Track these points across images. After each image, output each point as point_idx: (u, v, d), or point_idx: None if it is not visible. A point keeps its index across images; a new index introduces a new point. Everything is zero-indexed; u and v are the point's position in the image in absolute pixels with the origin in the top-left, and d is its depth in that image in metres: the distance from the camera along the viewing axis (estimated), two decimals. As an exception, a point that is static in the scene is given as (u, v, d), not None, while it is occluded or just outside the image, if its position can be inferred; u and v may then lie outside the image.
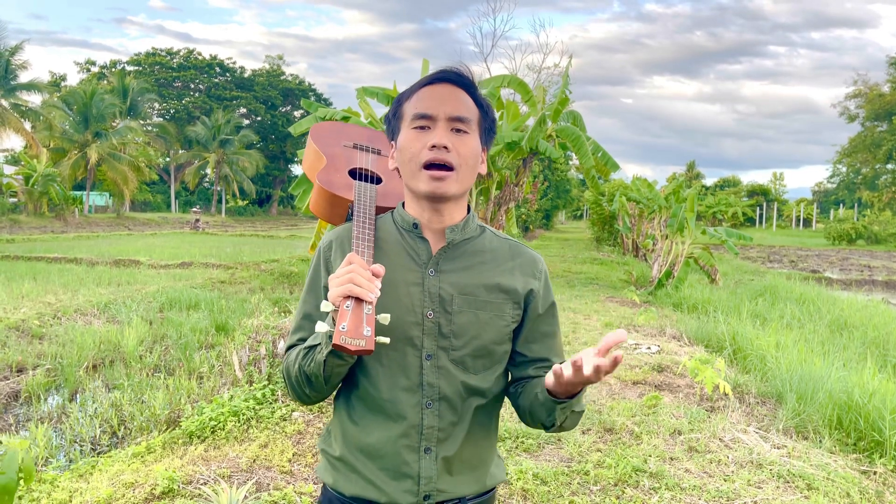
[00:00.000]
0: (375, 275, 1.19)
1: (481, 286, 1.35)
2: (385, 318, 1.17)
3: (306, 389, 1.32)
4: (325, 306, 1.16)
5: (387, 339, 1.17)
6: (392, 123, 1.40)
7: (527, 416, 1.38)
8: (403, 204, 1.42)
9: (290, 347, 1.40)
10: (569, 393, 1.25)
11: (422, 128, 1.31)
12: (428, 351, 1.32)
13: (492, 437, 1.42)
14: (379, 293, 1.18)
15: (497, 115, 12.90)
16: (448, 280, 1.34)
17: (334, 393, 1.42)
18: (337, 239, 1.41)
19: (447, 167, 1.29)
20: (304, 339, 1.36)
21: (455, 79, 1.34)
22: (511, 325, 1.38)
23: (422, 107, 1.31)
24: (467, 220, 1.39)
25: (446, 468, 1.33)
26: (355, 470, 1.34)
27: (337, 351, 1.19)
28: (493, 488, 1.43)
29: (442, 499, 1.33)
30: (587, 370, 1.14)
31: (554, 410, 1.28)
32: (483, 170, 1.39)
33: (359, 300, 1.15)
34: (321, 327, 1.16)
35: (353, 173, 1.68)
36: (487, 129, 1.39)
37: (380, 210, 1.50)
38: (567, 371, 1.16)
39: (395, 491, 1.31)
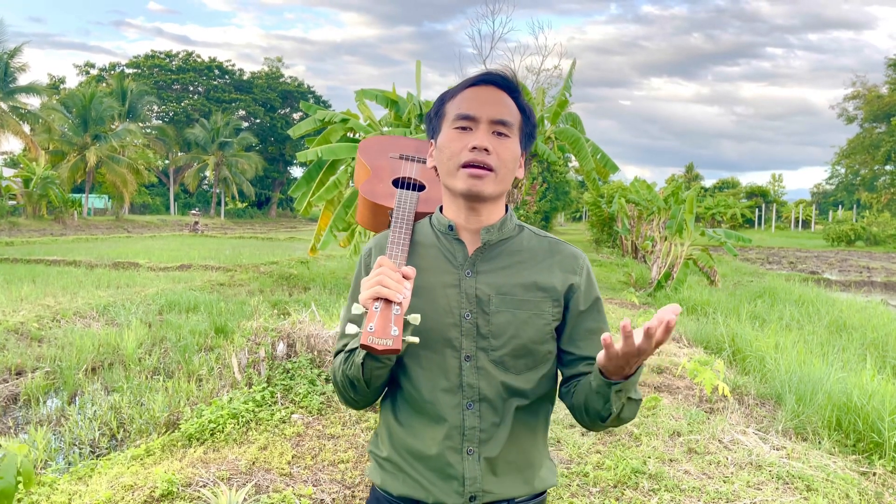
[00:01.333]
0: (406, 277, 1.21)
1: (519, 285, 1.35)
2: (415, 319, 1.18)
3: (351, 394, 1.35)
4: (356, 309, 1.18)
5: (416, 339, 1.18)
6: (433, 122, 1.40)
7: (582, 413, 1.33)
8: (441, 208, 1.43)
9: (336, 353, 1.42)
10: (622, 373, 1.20)
11: (464, 128, 1.32)
12: (467, 352, 1.32)
13: (539, 439, 1.40)
14: (408, 294, 1.20)
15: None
16: (485, 280, 1.35)
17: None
18: (376, 246, 1.43)
19: (486, 168, 1.30)
20: (346, 346, 1.38)
21: (500, 81, 1.35)
22: (552, 324, 1.36)
23: (465, 107, 1.32)
24: (504, 220, 1.40)
25: (490, 469, 1.33)
26: (402, 470, 1.36)
27: (380, 354, 1.20)
28: (544, 492, 1.41)
29: (489, 500, 1.33)
30: (637, 337, 1.11)
31: (609, 395, 1.22)
32: (521, 174, 1.40)
33: (388, 301, 1.17)
34: (351, 329, 1.19)
35: (397, 182, 1.71)
36: (528, 135, 1.39)
37: (421, 216, 1.52)
38: (618, 342, 1.14)
39: (442, 492, 1.32)
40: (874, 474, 3.84)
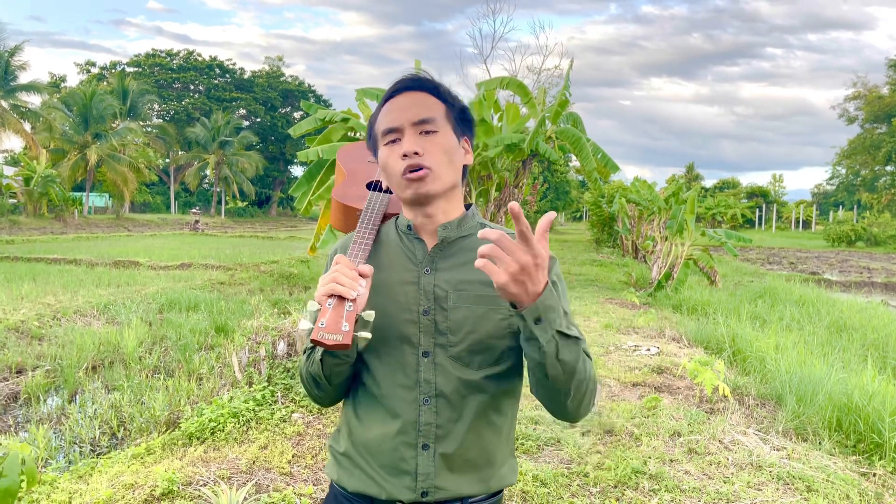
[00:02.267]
0: (362, 274, 1.24)
1: (476, 281, 1.35)
2: (370, 315, 1.20)
3: (315, 390, 1.38)
4: (311, 305, 1.21)
5: (368, 335, 1.20)
6: (372, 146, 1.44)
7: (539, 388, 1.28)
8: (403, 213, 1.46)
9: (304, 351, 1.44)
10: (528, 290, 1.13)
11: (393, 141, 1.35)
12: (425, 348, 1.34)
13: (501, 437, 1.40)
14: (363, 290, 1.22)
15: (495, 117, 12.92)
16: (443, 277, 1.36)
17: None
18: (342, 247, 1.46)
19: (422, 168, 1.32)
20: None
21: (411, 85, 1.38)
22: (509, 318, 1.35)
23: (385, 122, 1.36)
24: (464, 217, 1.41)
25: (446, 465, 1.33)
26: (357, 466, 1.37)
27: (330, 349, 1.23)
28: (500, 491, 1.41)
29: (442, 497, 1.32)
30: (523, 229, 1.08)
31: (531, 331, 1.16)
32: (469, 160, 1.42)
33: (341, 298, 1.20)
34: (304, 325, 1.21)
35: (371, 185, 1.75)
36: (459, 118, 1.41)
37: (392, 217, 1.55)
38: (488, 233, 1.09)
39: (394, 487, 1.32)
40: (874, 475, 3.84)
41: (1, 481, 2.27)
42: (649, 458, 3.90)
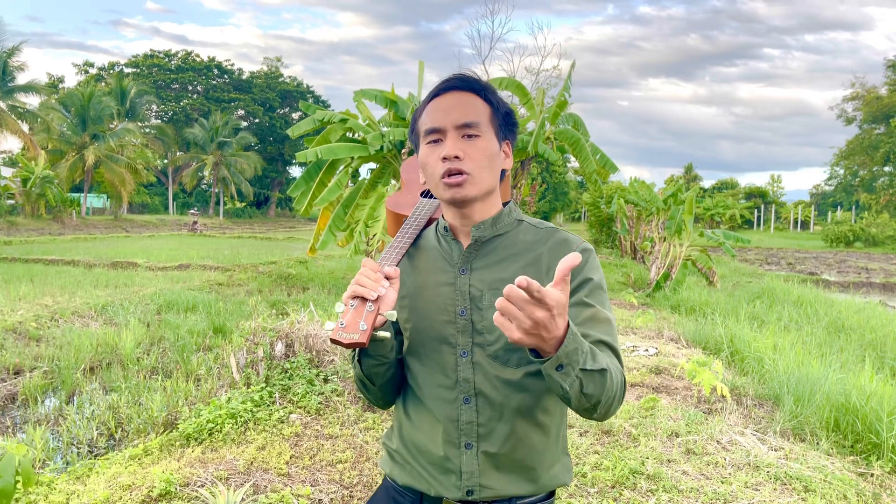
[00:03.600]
0: (388, 277, 1.26)
1: (510, 279, 1.34)
2: (391, 315, 1.23)
3: (365, 392, 1.44)
4: (338, 307, 1.24)
5: (387, 334, 1.24)
6: (413, 139, 1.45)
7: (566, 404, 1.25)
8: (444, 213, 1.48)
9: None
10: (550, 336, 1.08)
11: (434, 141, 1.35)
12: (463, 348, 1.35)
13: (550, 436, 1.38)
14: (386, 291, 1.24)
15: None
16: (478, 277, 1.37)
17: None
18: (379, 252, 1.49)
19: (461, 173, 1.32)
20: None
21: (459, 84, 1.37)
22: None
23: (430, 121, 1.36)
24: (499, 215, 1.40)
25: (492, 464, 1.34)
26: (408, 462, 1.42)
27: (367, 351, 1.29)
28: (552, 492, 1.41)
29: (488, 495, 1.33)
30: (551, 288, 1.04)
31: (553, 376, 1.13)
32: (508, 164, 1.42)
33: (363, 299, 1.23)
34: (329, 325, 1.23)
35: (425, 193, 1.77)
36: (503, 124, 1.40)
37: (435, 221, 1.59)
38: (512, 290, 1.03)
39: (441, 485, 1.36)
40: (872, 475, 3.84)
41: (-3, 482, 2.26)
42: (647, 458, 3.90)
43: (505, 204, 1.44)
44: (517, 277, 1.01)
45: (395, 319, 1.25)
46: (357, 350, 1.32)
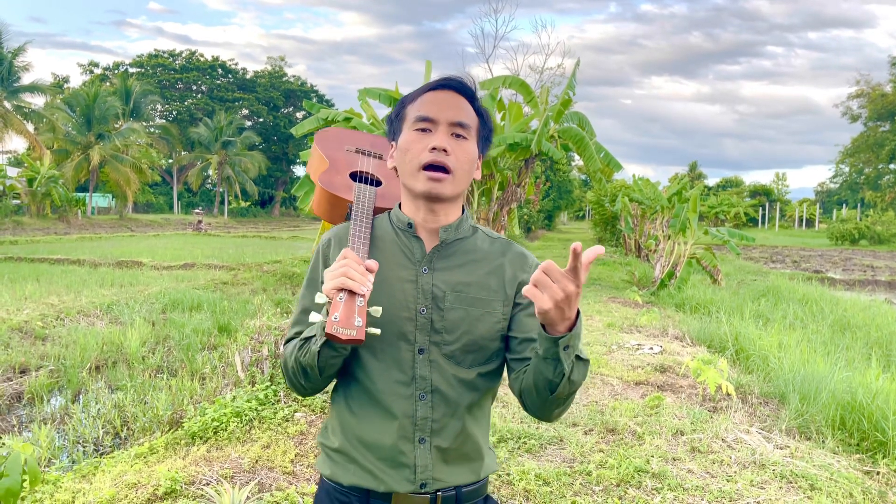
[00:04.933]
0: (369, 270, 1.26)
1: (473, 283, 1.40)
2: (377, 311, 1.23)
3: (302, 381, 1.39)
4: (320, 298, 1.23)
5: (377, 331, 1.23)
6: (394, 124, 1.46)
7: (532, 393, 1.31)
8: (400, 205, 1.48)
9: (288, 340, 1.46)
10: (563, 317, 1.16)
11: (423, 130, 1.38)
12: (420, 345, 1.37)
13: (484, 429, 1.46)
14: (371, 287, 1.24)
15: (498, 116, 12.91)
16: (441, 277, 1.40)
17: (331, 387, 1.48)
18: (335, 237, 1.48)
19: (445, 170, 1.35)
20: (301, 333, 1.42)
21: (458, 86, 1.41)
22: (502, 322, 1.41)
23: (424, 110, 1.38)
24: (461, 220, 1.45)
25: (442, 458, 1.38)
26: (354, 460, 1.39)
27: (331, 342, 1.26)
28: (486, 477, 1.48)
29: (438, 487, 1.38)
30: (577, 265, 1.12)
31: (558, 354, 1.20)
32: (478, 175, 1.47)
33: (351, 293, 1.21)
34: (315, 318, 1.23)
35: (354, 176, 1.75)
36: (484, 138, 1.46)
37: (378, 211, 1.57)
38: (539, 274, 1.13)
39: (393, 480, 1.36)
40: (878, 473, 3.83)
41: (3, 481, 2.28)
42: (652, 456, 3.89)
43: (462, 209, 1.49)
44: (573, 243, 1.11)
45: (379, 316, 1.26)
46: (321, 341, 1.27)
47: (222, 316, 8.80)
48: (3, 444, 4.28)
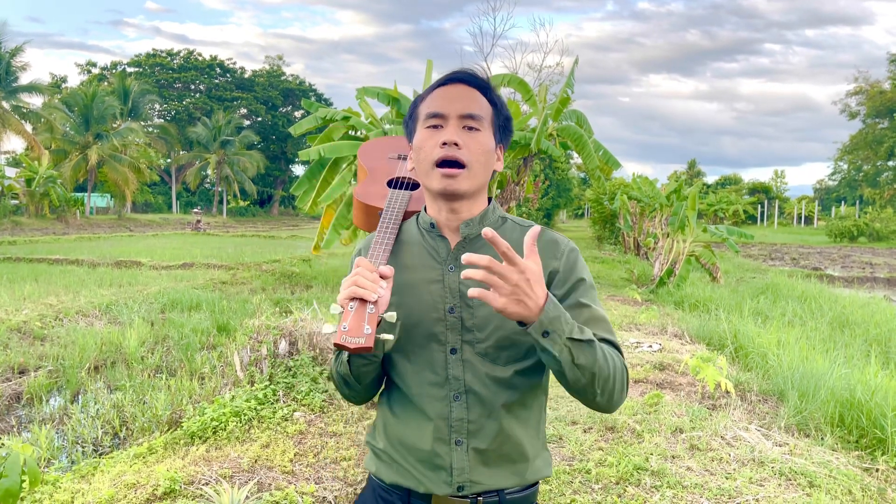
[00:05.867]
0: (383, 276, 1.23)
1: None
2: (391, 316, 1.20)
3: (346, 390, 1.41)
4: (334, 308, 1.21)
5: (390, 336, 1.20)
6: (409, 125, 1.44)
7: (567, 388, 1.28)
8: (426, 207, 1.46)
9: (334, 353, 1.46)
10: (528, 306, 1.15)
11: (434, 126, 1.35)
12: (452, 345, 1.35)
13: (532, 430, 1.41)
14: (384, 292, 1.21)
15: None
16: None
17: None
18: (364, 247, 1.46)
19: (458, 164, 1.32)
20: None
21: (467, 78, 1.38)
22: None
23: (434, 106, 1.36)
24: (485, 212, 1.41)
25: (481, 460, 1.35)
26: (395, 460, 1.40)
27: (353, 353, 1.23)
28: (536, 483, 1.43)
29: (478, 490, 1.34)
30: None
31: (542, 344, 1.17)
32: (499, 167, 1.42)
33: (363, 301, 1.19)
34: (327, 329, 1.21)
35: (392, 182, 1.74)
36: (502, 127, 1.42)
37: (413, 214, 1.55)
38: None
39: (431, 481, 1.35)
40: (877, 470, 3.84)
41: (2, 481, 2.27)
42: (651, 454, 3.89)
43: (488, 201, 1.45)
44: (483, 229, 1.09)
45: (394, 321, 1.23)
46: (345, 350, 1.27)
47: (221, 315, 8.80)
48: (3, 444, 4.28)
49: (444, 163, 1.32)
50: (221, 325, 8.23)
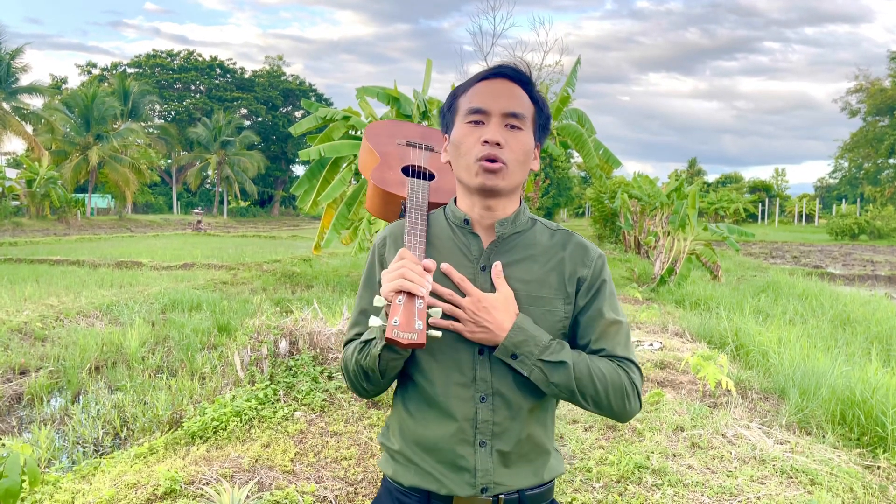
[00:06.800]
0: (427, 270, 1.22)
1: (533, 281, 1.35)
2: (437, 312, 1.19)
3: (364, 383, 1.37)
4: (378, 301, 1.19)
5: (438, 334, 1.19)
6: (447, 117, 1.41)
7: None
8: (455, 200, 1.43)
9: (347, 342, 1.43)
10: (495, 332, 1.29)
11: (476, 122, 1.32)
12: (480, 346, 1.33)
13: (548, 431, 1.42)
14: (430, 287, 1.21)
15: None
16: None
17: (393, 387, 1.46)
18: (391, 235, 1.43)
19: (499, 162, 1.30)
20: (360, 335, 1.39)
21: (511, 74, 1.34)
22: (564, 321, 1.36)
23: (476, 101, 1.32)
24: (518, 213, 1.40)
25: (503, 462, 1.34)
26: (413, 462, 1.37)
27: (405, 348, 1.23)
28: (552, 480, 1.43)
29: (500, 491, 1.34)
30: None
31: (508, 363, 1.29)
32: (535, 166, 1.40)
33: (410, 295, 1.18)
34: (374, 322, 1.19)
35: (407, 170, 1.70)
36: (542, 126, 1.39)
37: (432, 206, 1.52)
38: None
39: (453, 483, 1.33)
40: (878, 468, 3.83)
41: (2, 482, 2.27)
42: (652, 452, 3.89)
43: (520, 201, 1.43)
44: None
45: (439, 318, 1.23)
46: (381, 344, 1.26)
47: (222, 315, 8.80)
48: (3, 444, 4.28)
49: (483, 161, 1.30)
50: (222, 325, 8.23)
